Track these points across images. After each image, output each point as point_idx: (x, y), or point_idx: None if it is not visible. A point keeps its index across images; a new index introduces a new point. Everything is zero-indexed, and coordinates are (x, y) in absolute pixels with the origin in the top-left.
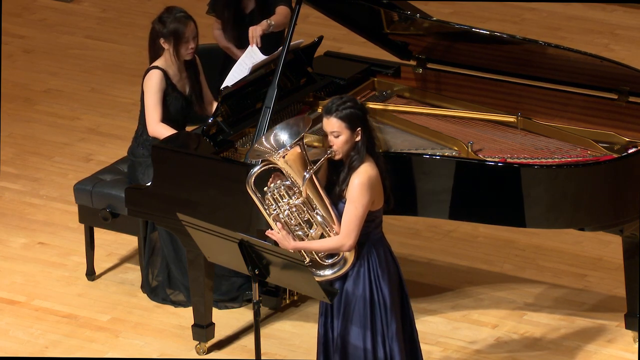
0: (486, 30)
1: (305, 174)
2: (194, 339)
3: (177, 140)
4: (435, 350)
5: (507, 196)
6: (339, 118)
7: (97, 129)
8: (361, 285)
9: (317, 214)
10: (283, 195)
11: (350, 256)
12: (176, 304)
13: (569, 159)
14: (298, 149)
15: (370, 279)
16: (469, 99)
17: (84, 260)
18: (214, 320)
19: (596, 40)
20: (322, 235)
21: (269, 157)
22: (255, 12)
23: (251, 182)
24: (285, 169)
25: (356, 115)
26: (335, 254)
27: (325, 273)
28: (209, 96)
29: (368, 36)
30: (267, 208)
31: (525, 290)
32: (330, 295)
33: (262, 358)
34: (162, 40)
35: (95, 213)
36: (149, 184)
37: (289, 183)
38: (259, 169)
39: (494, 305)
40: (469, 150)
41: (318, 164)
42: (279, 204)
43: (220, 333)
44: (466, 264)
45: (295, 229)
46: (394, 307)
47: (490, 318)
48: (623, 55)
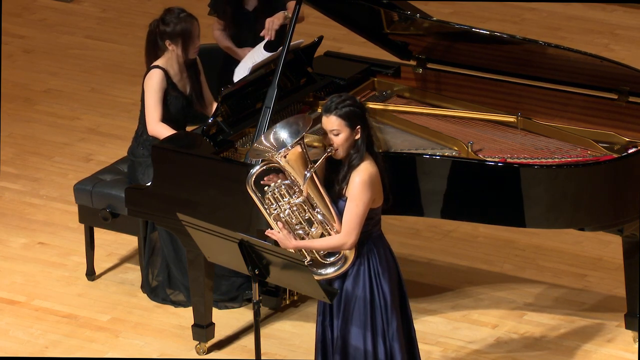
0: (486, 30)
1: (306, 172)
2: (194, 339)
3: (177, 140)
4: (435, 350)
5: (507, 196)
6: (338, 116)
7: (97, 129)
8: (361, 284)
9: (318, 212)
10: (283, 194)
11: (350, 254)
12: (176, 304)
13: (569, 159)
14: (299, 148)
15: (370, 277)
16: (469, 99)
17: (84, 260)
18: (214, 320)
19: (596, 40)
20: (323, 234)
21: (270, 157)
22: (258, 10)
23: (251, 182)
24: (287, 168)
25: (355, 113)
26: (336, 253)
27: (326, 271)
28: (209, 96)
29: (368, 36)
30: (268, 208)
31: (525, 290)
32: (330, 295)
33: (262, 358)
34: (168, 42)
35: (95, 213)
36: (149, 184)
37: (288, 182)
38: (259, 168)
39: (494, 305)
40: (469, 150)
41: (318, 162)
42: (280, 203)
43: (220, 333)
44: (466, 264)
45: (296, 228)
46: (394, 305)
47: (490, 318)
48: (623, 55)
